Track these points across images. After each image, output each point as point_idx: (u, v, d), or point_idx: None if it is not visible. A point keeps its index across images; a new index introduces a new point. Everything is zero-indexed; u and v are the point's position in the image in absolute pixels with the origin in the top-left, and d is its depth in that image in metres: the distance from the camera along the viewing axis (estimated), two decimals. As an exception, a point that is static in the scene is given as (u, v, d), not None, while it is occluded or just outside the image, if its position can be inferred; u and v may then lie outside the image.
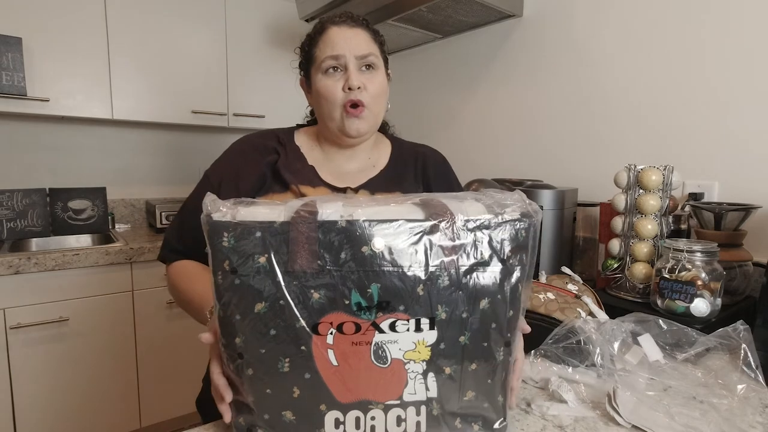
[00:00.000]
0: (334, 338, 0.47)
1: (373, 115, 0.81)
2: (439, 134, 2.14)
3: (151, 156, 2.41)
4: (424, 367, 0.49)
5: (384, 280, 0.47)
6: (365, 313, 0.47)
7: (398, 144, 0.94)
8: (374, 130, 0.85)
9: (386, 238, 0.47)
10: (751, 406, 0.65)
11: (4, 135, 2.04)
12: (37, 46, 1.79)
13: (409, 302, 0.47)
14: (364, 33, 0.81)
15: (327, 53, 0.78)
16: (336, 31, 0.79)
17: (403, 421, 0.49)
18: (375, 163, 0.88)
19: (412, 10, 1.69)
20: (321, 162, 0.85)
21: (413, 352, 0.48)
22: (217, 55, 2.22)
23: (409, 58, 2.27)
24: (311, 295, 0.46)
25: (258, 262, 0.46)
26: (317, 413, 0.48)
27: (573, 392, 0.66)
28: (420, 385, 0.49)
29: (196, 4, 2.13)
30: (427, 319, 0.48)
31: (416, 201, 0.52)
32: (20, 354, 1.63)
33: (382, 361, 0.48)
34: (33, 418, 1.67)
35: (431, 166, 0.91)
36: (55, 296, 1.68)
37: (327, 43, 0.79)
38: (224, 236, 0.46)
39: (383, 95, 0.82)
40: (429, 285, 0.48)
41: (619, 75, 1.46)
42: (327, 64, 0.78)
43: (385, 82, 0.83)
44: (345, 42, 0.78)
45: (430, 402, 0.49)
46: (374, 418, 0.49)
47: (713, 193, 1.22)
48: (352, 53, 0.78)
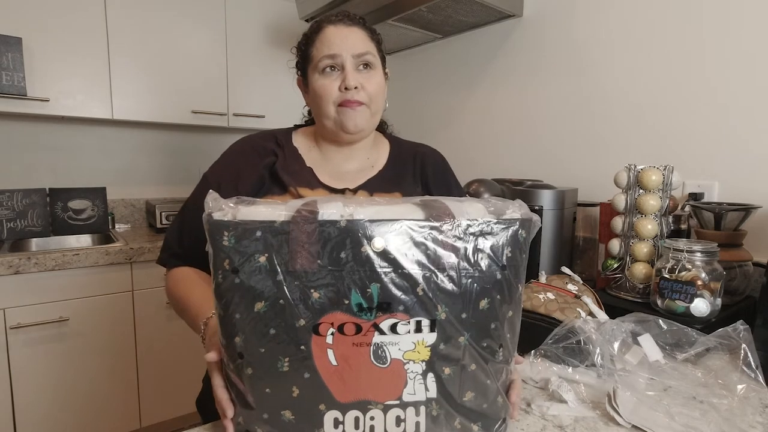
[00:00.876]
0: (334, 338, 0.47)
1: (370, 113, 0.80)
2: (439, 134, 2.14)
3: (151, 156, 2.41)
4: (424, 368, 0.49)
5: (384, 280, 0.47)
6: (366, 313, 0.47)
7: (397, 143, 0.93)
8: (372, 127, 0.84)
9: (387, 239, 0.47)
10: (751, 406, 0.65)
11: (4, 135, 2.04)
12: (37, 46, 1.79)
13: (409, 303, 0.47)
14: (361, 32, 0.80)
15: (324, 52, 0.78)
16: (332, 30, 0.79)
17: (403, 421, 0.49)
18: (374, 163, 0.88)
19: (412, 10, 1.69)
20: (319, 163, 0.85)
21: (413, 353, 0.48)
22: (217, 55, 2.22)
23: (409, 58, 2.27)
24: (311, 295, 0.46)
25: (258, 261, 0.46)
26: (316, 413, 0.48)
27: (573, 392, 0.66)
28: (420, 385, 0.49)
29: (196, 4, 2.13)
30: (427, 320, 0.48)
31: (417, 202, 0.52)
32: (20, 354, 1.63)
33: (381, 361, 0.48)
34: (33, 418, 1.67)
35: (430, 165, 0.91)
36: (55, 296, 1.68)
37: (324, 42, 0.78)
38: (225, 235, 0.46)
39: (381, 94, 0.82)
40: (429, 285, 0.48)
41: (619, 75, 1.46)
42: (324, 64, 0.78)
43: (383, 80, 0.83)
44: (342, 41, 0.77)
45: (430, 402, 0.49)
46: (373, 419, 0.49)
47: (713, 193, 1.22)
48: (348, 52, 0.77)
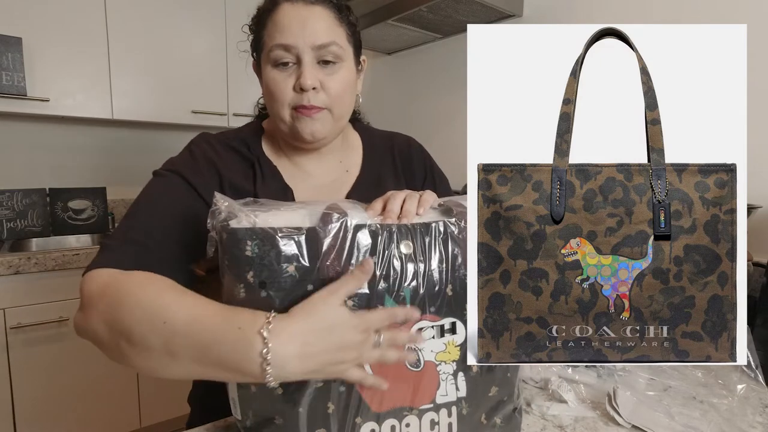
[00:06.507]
0: None
1: (333, 117, 0.67)
2: (438, 134, 2.14)
3: (150, 156, 2.41)
4: (455, 368, 0.49)
5: (415, 282, 0.46)
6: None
7: (368, 135, 0.82)
8: (337, 133, 0.72)
9: (414, 241, 0.46)
10: (751, 406, 0.65)
11: (4, 135, 2.04)
12: (37, 46, 1.78)
13: (440, 303, 0.47)
14: (326, 13, 0.63)
15: (276, 40, 0.62)
16: (288, 9, 0.62)
17: (437, 424, 0.49)
18: (348, 166, 0.78)
19: (412, 10, 1.68)
20: (293, 174, 0.73)
21: (444, 353, 0.48)
22: (217, 55, 2.22)
23: (409, 58, 2.27)
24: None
25: (287, 271, 0.43)
26: (353, 427, 0.46)
27: (573, 392, 0.66)
28: (451, 386, 0.49)
29: (196, 4, 2.13)
30: (456, 320, 0.48)
31: (435, 206, 0.53)
32: (20, 354, 1.63)
33: (415, 365, 0.47)
34: (33, 418, 1.67)
35: (416, 159, 0.82)
36: (55, 296, 1.67)
37: (277, 26, 0.63)
38: (247, 245, 0.42)
39: (346, 94, 0.67)
40: (455, 286, 0.48)
41: (619, 75, 1.46)
42: (276, 55, 0.63)
43: (351, 76, 0.67)
44: (299, 27, 0.61)
45: (460, 402, 0.49)
46: (409, 425, 0.48)
47: (713, 193, 1.22)
48: (307, 43, 0.62)
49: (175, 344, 0.43)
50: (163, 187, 0.65)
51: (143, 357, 0.45)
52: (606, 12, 1.48)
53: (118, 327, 0.46)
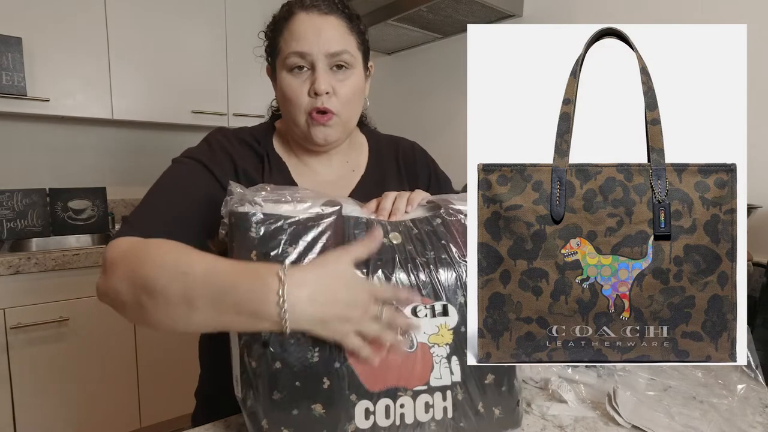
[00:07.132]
0: None
1: (342, 122, 0.71)
2: (439, 134, 2.14)
3: (151, 156, 2.41)
4: (448, 351, 0.50)
5: (406, 268, 0.50)
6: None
7: (375, 138, 0.86)
8: (347, 135, 0.76)
9: (404, 231, 0.51)
10: (751, 406, 0.65)
11: (4, 135, 2.04)
12: (37, 46, 1.78)
13: (431, 287, 0.50)
14: (339, 22, 0.69)
15: (292, 48, 0.67)
16: (304, 19, 0.67)
17: (431, 407, 0.50)
18: (354, 166, 0.81)
19: (412, 10, 1.69)
20: (301, 171, 0.77)
21: (437, 336, 0.50)
22: (217, 55, 2.22)
23: (409, 58, 2.27)
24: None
25: (288, 254, 0.48)
26: (348, 404, 0.48)
27: (573, 392, 0.66)
28: (445, 369, 0.50)
29: (196, 4, 2.13)
30: (448, 303, 0.50)
31: (424, 203, 0.57)
32: (20, 354, 1.63)
33: (408, 345, 0.49)
34: (33, 418, 1.67)
35: (420, 163, 0.85)
36: (55, 296, 1.67)
37: (293, 34, 0.68)
38: (252, 227, 0.47)
39: (356, 99, 0.72)
40: (449, 271, 0.51)
41: (619, 75, 1.46)
42: (292, 62, 0.68)
43: (360, 82, 0.73)
44: (314, 35, 0.67)
45: (455, 386, 0.50)
46: (403, 406, 0.49)
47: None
48: (321, 50, 0.66)
49: (194, 292, 0.45)
50: (185, 170, 0.69)
51: (162, 309, 0.47)
52: (606, 12, 1.48)
53: (140, 282, 0.49)
